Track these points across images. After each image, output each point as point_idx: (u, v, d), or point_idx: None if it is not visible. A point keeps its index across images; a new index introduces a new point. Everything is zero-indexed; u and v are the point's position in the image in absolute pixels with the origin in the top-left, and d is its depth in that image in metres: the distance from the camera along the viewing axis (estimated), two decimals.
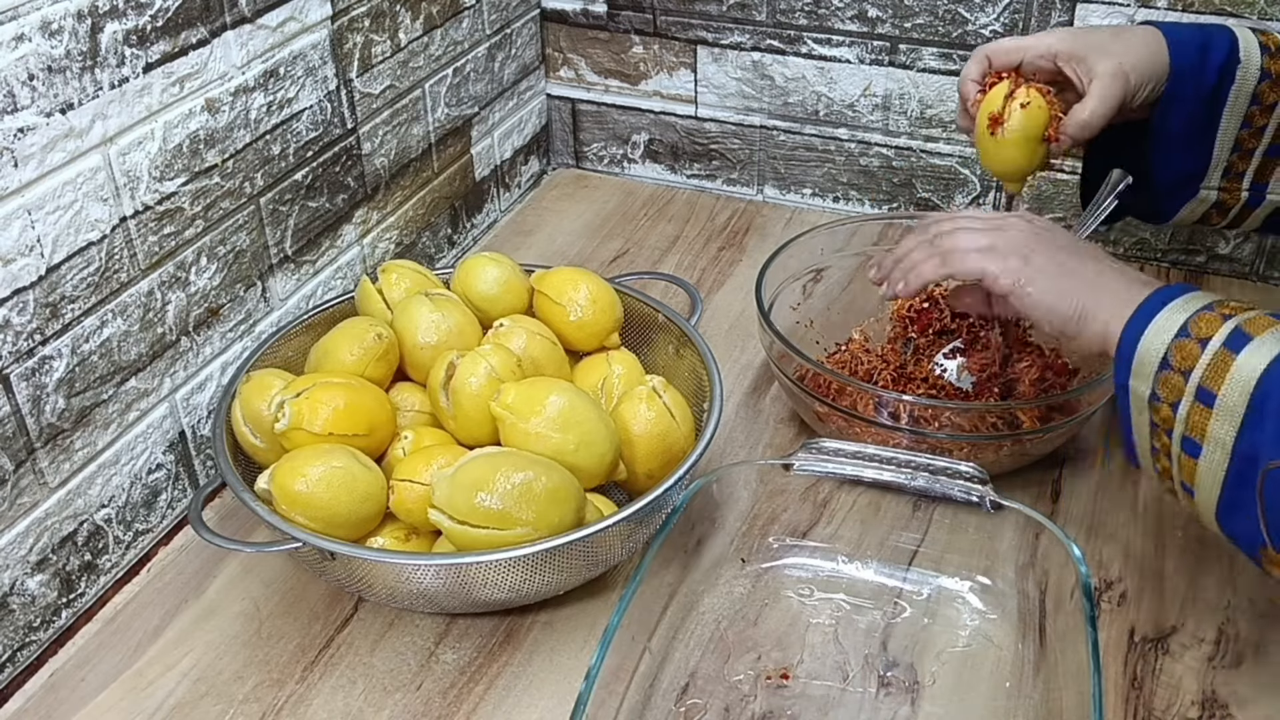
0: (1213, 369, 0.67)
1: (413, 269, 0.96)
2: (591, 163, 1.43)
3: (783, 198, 1.36)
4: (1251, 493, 0.66)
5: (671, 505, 0.80)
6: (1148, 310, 0.71)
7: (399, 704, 0.77)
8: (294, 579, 0.87)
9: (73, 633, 0.83)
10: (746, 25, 1.26)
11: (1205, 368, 0.68)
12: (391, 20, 1.07)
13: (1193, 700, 0.76)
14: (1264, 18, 1.07)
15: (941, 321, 0.99)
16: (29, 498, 0.78)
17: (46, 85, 0.73)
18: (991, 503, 0.80)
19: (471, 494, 0.75)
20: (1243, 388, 0.66)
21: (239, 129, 0.90)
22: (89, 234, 0.79)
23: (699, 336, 0.93)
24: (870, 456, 0.83)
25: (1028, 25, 1.15)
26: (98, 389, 0.82)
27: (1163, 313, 0.71)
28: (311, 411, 0.80)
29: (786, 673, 0.78)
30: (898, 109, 1.25)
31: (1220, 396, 0.67)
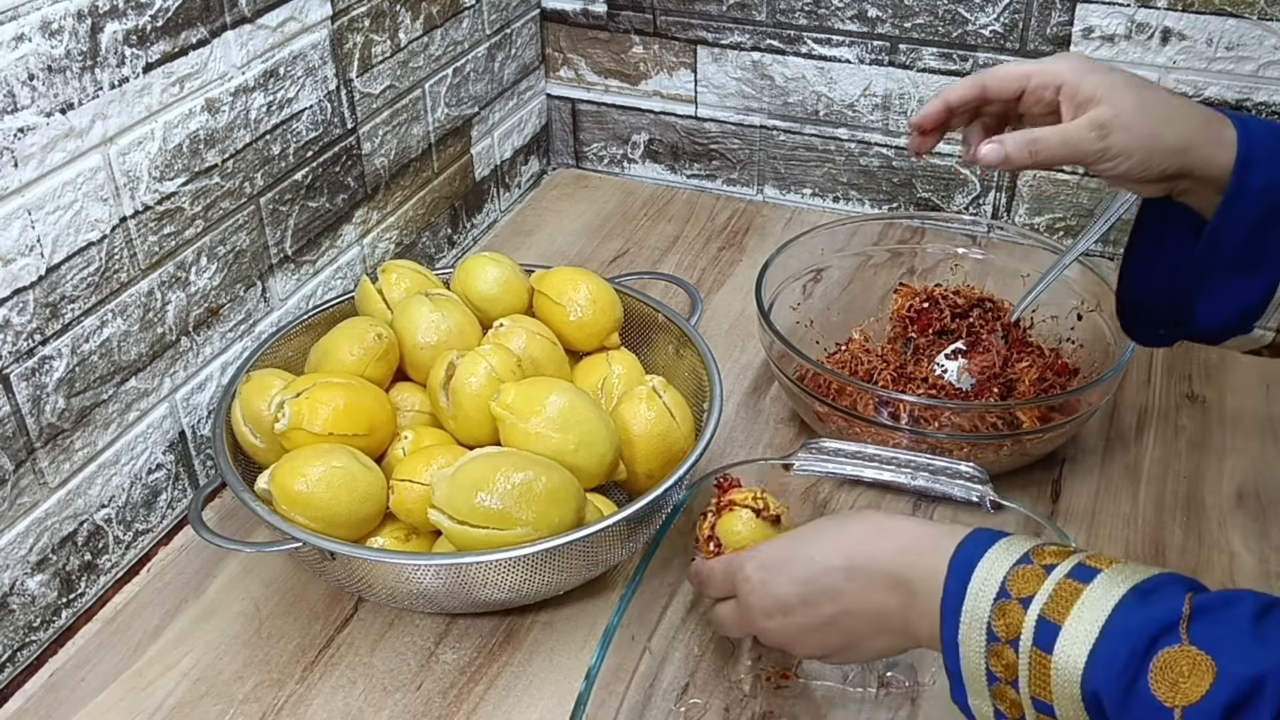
0: (1035, 675, 0.56)
1: (413, 269, 0.96)
2: (591, 163, 1.43)
3: (783, 198, 1.36)
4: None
5: (671, 505, 0.80)
6: (950, 607, 0.60)
7: (399, 704, 0.77)
8: (294, 579, 0.87)
9: (73, 633, 0.83)
10: (746, 25, 1.26)
11: (1028, 675, 0.57)
12: (391, 20, 1.07)
13: None
14: (1264, 18, 1.07)
15: (941, 321, 0.99)
16: (29, 498, 0.78)
17: (46, 85, 0.73)
18: (991, 503, 0.80)
19: (471, 494, 0.75)
20: (1070, 692, 0.55)
21: (239, 129, 0.90)
22: (89, 234, 0.79)
23: (699, 336, 0.93)
24: (870, 456, 0.83)
25: (1027, 25, 1.15)
26: (98, 389, 0.82)
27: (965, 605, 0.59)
28: (311, 411, 0.80)
29: (786, 673, 0.78)
30: (898, 109, 1.25)
31: (1056, 706, 0.56)
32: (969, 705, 0.61)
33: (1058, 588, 0.57)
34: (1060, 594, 0.56)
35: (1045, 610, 0.56)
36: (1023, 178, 1.23)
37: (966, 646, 0.59)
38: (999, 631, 0.58)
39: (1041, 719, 0.57)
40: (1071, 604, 0.56)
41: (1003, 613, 0.58)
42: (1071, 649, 0.55)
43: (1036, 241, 1.05)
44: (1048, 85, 0.73)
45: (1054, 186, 1.22)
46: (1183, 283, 0.75)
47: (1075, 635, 0.55)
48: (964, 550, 0.61)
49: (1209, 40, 1.10)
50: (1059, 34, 1.14)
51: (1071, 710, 0.56)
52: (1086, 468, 0.95)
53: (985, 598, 0.58)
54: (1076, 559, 0.58)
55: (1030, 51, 1.16)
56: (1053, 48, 1.15)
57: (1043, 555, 0.59)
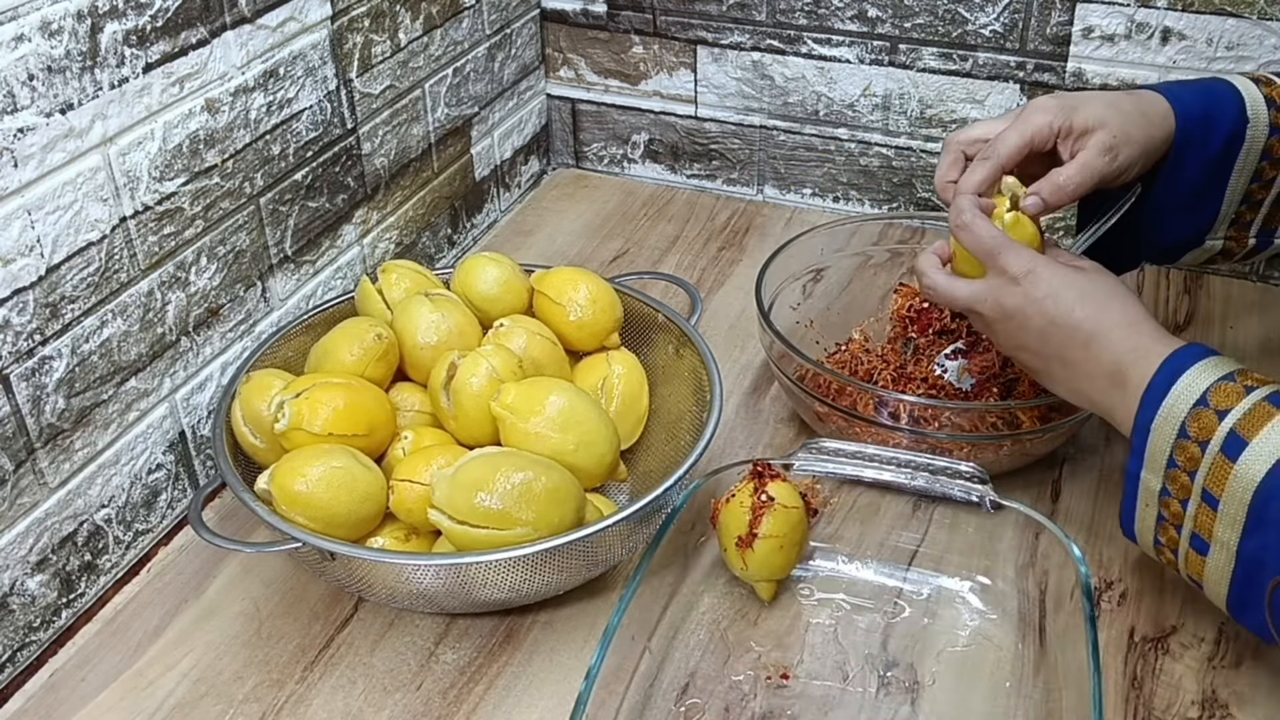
0: (1214, 473, 0.67)
1: (413, 269, 0.96)
2: (591, 163, 1.43)
3: (783, 198, 1.36)
4: (1260, 594, 0.67)
5: (671, 505, 0.80)
6: (1151, 398, 0.71)
7: (399, 704, 0.77)
8: (294, 579, 0.87)
9: (73, 633, 0.83)
10: (746, 25, 1.26)
11: (1207, 471, 0.68)
12: (391, 20, 1.07)
13: (1193, 700, 0.76)
14: (1264, 18, 1.07)
15: (941, 321, 0.99)
16: (29, 498, 0.79)
17: (46, 85, 0.73)
18: (991, 503, 0.80)
19: (471, 494, 0.75)
20: (1241, 496, 0.66)
21: (239, 129, 0.90)
22: (89, 234, 0.79)
23: (699, 336, 0.93)
24: (870, 456, 0.83)
25: (1027, 25, 1.15)
26: (98, 389, 0.82)
27: (1166, 400, 0.70)
28: (311, 412, 0.80)
29: (786, 673, 0.78)
30: (898, 109, 1.25)
31: (1222, 502, 0.67)
32: (1139, 477, 0.72)
33: (1254, 407, 0.67)
34: (1255, 413, 0.66)
35: (1238, 425, 0.66)
36: None
37: (1157, 433, 0.70)
38: (1191, 431, 0.68)
39: (1204, 506, 0.68)
40: (1263, 425, 0.66)
41: (1198, 417, 0.68)
42: (1255, 463, 0.65)
43: None
44: (1046, 139, 0.83)
45: None
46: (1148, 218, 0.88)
47: (1260, 453, 0.65)
48: (1177, 355, 0.71)
49: (1209, 40, 1.10)
50: (1059, 34, 1.14)
51: (1234, 508, 0.66)
52: (1086, 468, 0.95)
53: (1186, 400, 0.69)
54: (1277, 386, 0.68)
55: (1030, 51, 1.16)
56: (1052, 47, 1.15)
57: (1246, 377, 0.69)
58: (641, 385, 0.94)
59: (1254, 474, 0.65)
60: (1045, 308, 0.77)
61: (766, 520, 0.78)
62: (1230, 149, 0.84)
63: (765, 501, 0.79)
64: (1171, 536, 0.72)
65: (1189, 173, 0.85)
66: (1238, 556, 0.67)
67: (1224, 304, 1.15)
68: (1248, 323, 1.13)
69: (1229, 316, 1.13)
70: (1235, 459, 0.66)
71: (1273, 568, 0.65)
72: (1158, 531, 0.73)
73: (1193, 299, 1.16)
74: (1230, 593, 0.69)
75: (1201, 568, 0.70)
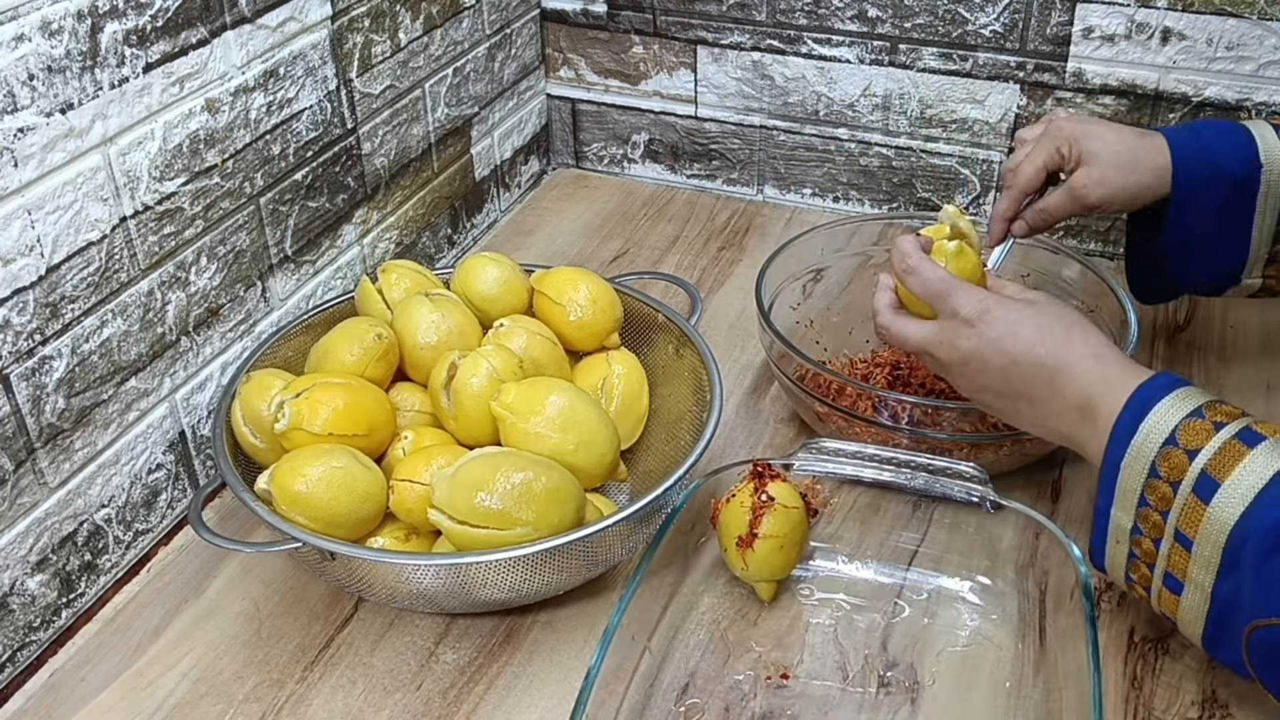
0: (1186, 515, 0.66)
1: (413, 269, 0.96)
2: (591, 163, 1.43)
3: (783, 198, 1.36)
4: (1235, 635, 0.66)
5: (671, 505, 0.80)
6: (1119, 436, 0.69)
7: (399, 704, 0.77)
8: (294, 579, 0.87)
9: (73, 633, 0.83)
10: (746, 25, 1.26)
11: (1179, 512, 0.67)
12: (391, 20, 1.07)
13: (1193, 700, 0.76)
14: (1264, 18, 1.07)
15: None
16: (29, 498, 0.79)
17: (46, 85, 0.73)
18: (991, 503, 0.80)
19: (471, 494, 0.75)
20: (1215, 539, 0.65)
21: (239, 129, 0.90)
22: (89, 234, 0.79)
23: (699, 336, 0.93)
24: (870, 456, 0.83)
25: (1027, 25, 1.15)
26: (98, 389, 0.82)
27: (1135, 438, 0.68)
28: (311, 411, 0.80)
29: (786, 673, 0.78)
30: (898, 109, 1.25)
31: (1196, 544, 0.66)
32: (1109, 514, 0.71)
33: (1224, 446, 0.65)
34: (1225, 453, 0.65)
35: (1209, 466, 0.65)
36: None
37: (1128, 471, 0.69)
38: (1162, 471, 0.67)
39: (1177, 546, 0.67)
40: (1234, 465, 0.64)
41: (1168, 457, 0.67)
42: (1228, 506, 0.64)
43: (1037, 241, 1.04)
44: (1059, 166, 0.90)
45: None
46: (1169, 257, 0.90)
47: (1233, 495, 0.64)
48: (1144, 389, 0.70)
49: (1209, 40, 1.10)
50: (1059, 34, 1.14)
51: (1209, 551, 0.65)
52: (1086, 468, 0.95)
53: (1155, 440, 0.67)
54: (1245, 422, 0.66)
55: (1030, 51, 1.16)
56: (1053, 47, 1.15)
57: (1215, 411, 0.67)
58: (641, 385, 0.94)
59: (1228, 517, 0.64)
60: (1004, 346, 0.75)
61: (767, 520, 0.78)
62: (1244, 193, 0.86)
63: (765, 501, 0.79)
64: (1144, 574, 0.71)
65: (1198, 218, 0.87)
66: (1212, 597, 0.66)
67: (1224, 304, 1.15)
68: (1248, 323, 1.13)
69: (1229, 316, 1.13)
70: (1208, 501, 0.65)
71: (1247, 611, 0.64)
72: (1129, 569, 0.72)
73: (1192, 299, 1.16)
74: (1205, 631, 0.68)
75: (1175, 606, 0.69)
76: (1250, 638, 0.64)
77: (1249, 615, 0.64)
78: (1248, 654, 0.65)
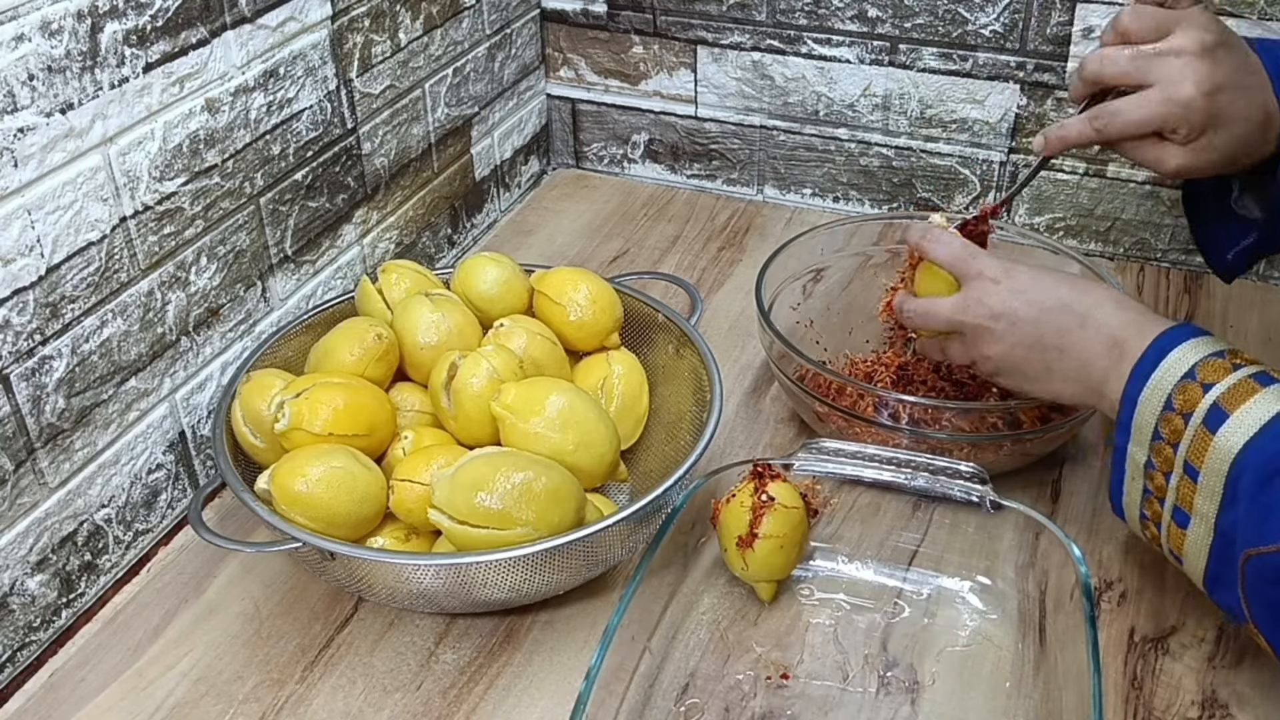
0: (1195, 445, 0.68)
1: (413, 269, 0.96)
2: (591, 163, 1.43)
3: (783, 198, 1.36)
4: (1233, 569, 0.67)
5: (671, 505, 0.80)
6: (1141, 371, 0.72)
7: (399, 704, 0.77)
8: (294, 579, 0.87)
9: (73, 633, 0.83)
10: (746, 25, 1.26)
11: (1189, 443, 0.68)
12: (391, 20, 1.07)
13: (1193, 700, 0.76)
14: (1264, 18, 1.07)
15: None
16: (29, 498, 0.79)
17: (46, 85, 0.73)
18: (991, 503, 0.80)
19: (471, 494, 0.75)
20: (1219, 468, 0.67)
21: (239, 129, 0.90)
22: (89, 234, 0.79)
23: (699, 336, 0.93)
24: (870, 456, 0.83)
25: (1027, 25, 1.15)
26: (98, 389, 0.82)
27: (1155, 373, 0.71)
28: (311, 411, 0.80)
29: (786, 673, 0.78)
30: (898, 109, 1.25)
31: (1202, 474, 0.68)
32: (1125, 450, 0.73)
33: (1238, 383, 0.67)
34: (1238, 389, 0.67)
35: (1221, 398, 0.67)
36: None
37: (1144, 405, 0.71)
38: (1176, 403, 0.69)
39: (1185, 479, 0.69)
40: (1245, 400, 0.66)
41: (1184, 390, 0.69)
42: (1233, 435, 0.66)
43: (1037, 241, 1.04)
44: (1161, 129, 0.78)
45: (1054, 187, 1.22)
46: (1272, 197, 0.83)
47: (1238, 425, 0.66)
48: (1170, 332, 0.72)
49: None
50: (1059, 34, 1.14)
51: (1213, 481, 0.67)
52: (1086, 468, 0.95)
53: (1174, 373, 0.70)
54: (1263, 367, 0.69)
55: (1030, 51, 1.16)
56: (1053, 47, 1.15)
57: (1236, 356, 0.69)
58: (641, 385, 0.94)
59: (1231, 446, 0.66)
60: (1032, 297, 0.78)
61: (767, 520, 0.78)
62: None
63: (765, 501, 0.79)
64: (1156, 510, 0.72)
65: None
66: (1215, 530, 0.68)
67: (1224, 303, 1.15)
68: (1248, 322, 1.13)
69: (1229, 316, 1.13)
70: (1215, 431, 0.67)
71: (1243, 542, 0.66)
72: (1143, 505, 0.74)
73: (1193, 299, 1.16)
74: (1207, 567, 0.70)
75: (1182, 541, 0.71)
76: (1245, 567, 0.65)
77: (1243, 544, 0.65)
78: (1243, 586, 0.66)
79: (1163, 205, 1.19)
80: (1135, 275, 1.21)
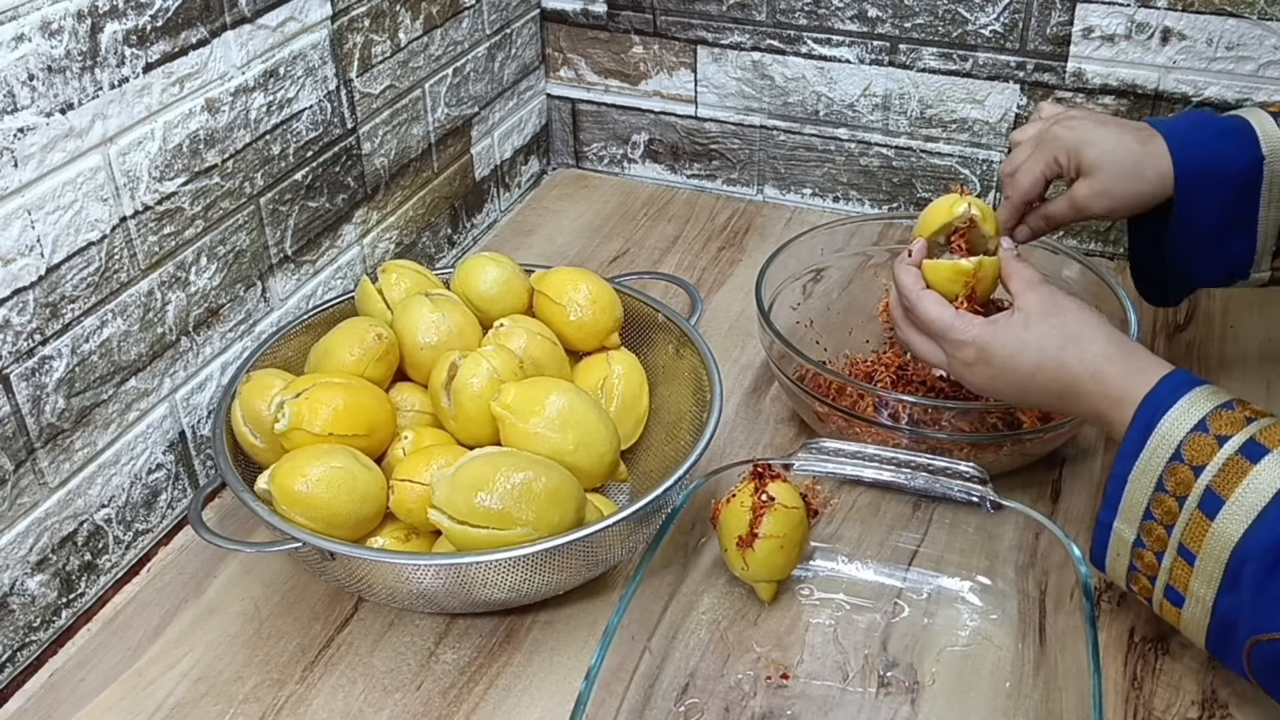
0: (1191, 530, 0.67)
1: (413, 269, 0.96)
2: (591, 163, 1.43)
3: (783, 198, 1.36)
4: (1237, 650, 0.67)
5: (671, 505, 0.80)
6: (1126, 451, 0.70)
7: (399, 704, 0.77)
8: (294, 579, 0.87)
9: (73, 633, 0.83)
10: (746, 25, 1.26)
11: (1184, 527, 0.68)
12: (391, 20, 1.07)
13: (1193, 700, 0.76)
14: (1264, 18, 1.07)
15: None
16: (29, 498, 0.79)
17: (46, 85, 0.73)
18: (991, 503, 0.80)
19: (471, 494, 0.75)
20: (1218, 555, 0.66)
21: (239, 129, 0.90)
22: (89, 234, 0.79)
23: (699, 336, 0.93)
24: (870, 456, 0.83)
25: (1027, 25, 1.15)
26: (98, 389, 0.82)
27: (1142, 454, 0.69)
28: (311, 412, 0.80)
29: (786, 673, 0.78)
30: (898, 109, 1.25)
31: (1199, 558, 0.67)
32: (1110, 527, 0.72)
33: (1227, 463, 0.66)
34: (1229, 469, 0.65)
35: (1213, 483, 0.66)
36: None
37: (1134, 485, 0.69)
38: (1168, 486, 0.68)
39: (1180, 561, 0.68)
40: (1238, 482, 0.65)
41: (1174, 473, 0.67)
42: (1231, 523, 0.64)
43: (1037, 242, 1.04)
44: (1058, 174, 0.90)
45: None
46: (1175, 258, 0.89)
47: (1236, 512, 0.64)
48: (1152, 397, 0.70)
49: (1209, 40, 1.10)
50: (1059, 34, 1.14)
51: (1211, 566, 0.66)
52: (1086, 468, 0.95)
53: (1161, 456, 0.68)
54: (1249, 433, 0.66)
55: (1030, 51, 1.16)
56: (1053, 47, 1.15)
57: (1219, 423, 0.67)
58: (641, 385, 0.94)
59: (1231, 533, 0.65)
60: (1009, 378, 0.78)
61: (767, 520, 0.78)
62: (1249, 188, 0.84)
63: (765, 501, 0.79)
64: (1144, 586, 0.72)
65: (1203, 218, 0.85)
66: (1213, 611, 0.68)
67: (1224, 303, 1.15)
68: (1248, 323, 1.13)
69: (1229, 316, 1.13)
70: (1213, 518, 0.66)
71: (1247, 627, 0.65)
72: (1129, 580, 0.73)
73: (1193, 299, 1.16)
74: (1208, 642, 0.70)
75: (1177, 618, 0.71)
76: (1251, 651, 0.65)
77: (1248, 630, 0.65)
78: (1249, 666, 0.66)
79: None
80: None
